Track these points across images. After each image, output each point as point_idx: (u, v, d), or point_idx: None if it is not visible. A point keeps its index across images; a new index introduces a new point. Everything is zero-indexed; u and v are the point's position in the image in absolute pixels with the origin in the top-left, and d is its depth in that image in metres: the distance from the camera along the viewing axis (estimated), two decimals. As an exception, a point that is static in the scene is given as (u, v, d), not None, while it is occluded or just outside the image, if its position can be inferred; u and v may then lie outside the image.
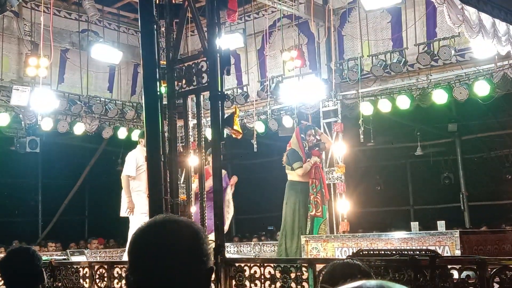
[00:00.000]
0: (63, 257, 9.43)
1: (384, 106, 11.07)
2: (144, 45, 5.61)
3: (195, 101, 6.03)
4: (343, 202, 11.15)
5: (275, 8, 11.40)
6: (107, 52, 12.34)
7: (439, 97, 10.51)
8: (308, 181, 8.27)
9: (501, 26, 8.20)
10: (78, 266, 6.28)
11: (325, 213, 8.21)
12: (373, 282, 0.96)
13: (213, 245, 5.22)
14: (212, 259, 1.48)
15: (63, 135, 13.12)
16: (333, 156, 11.20)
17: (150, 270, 1.39)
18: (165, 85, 5.73)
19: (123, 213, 8.64)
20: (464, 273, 3.98)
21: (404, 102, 10.87)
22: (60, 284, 6.29)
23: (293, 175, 8.28)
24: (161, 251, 1.40)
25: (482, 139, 16.08)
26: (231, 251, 10.91)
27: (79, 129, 12.86)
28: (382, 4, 10.37)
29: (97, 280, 5.98)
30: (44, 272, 3.58)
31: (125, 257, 7.51)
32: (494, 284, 3.87)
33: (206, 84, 5.54)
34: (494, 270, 3.86)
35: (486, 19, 7.83)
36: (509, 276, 3.79)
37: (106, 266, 5.99)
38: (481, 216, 15.02)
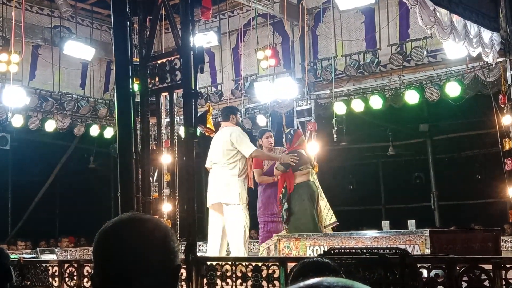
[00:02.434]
0: (33, 255, 9.31)
1: (357, 106, 11.15)
2: (117, 42, 5.55)
3: (168, 98, 5.99)
4: (316, 201, 11.19)
5: (250, 7, 11.40)
6: (79, 49, 12.21)
7: (411, 97, 10.62)
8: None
9: (472, 28, 8.32)
10: (47, 265, 6.19)
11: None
12: (332, 279, 0.96)
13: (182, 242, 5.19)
14: (179, 257, 1.46)
15: (34, 132, 12.95)
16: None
17: (116, 270, 1.37)
18: (138, 82, 5.68)
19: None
20: (434, 272, 4.02)
21: (376, 102, 10.96)
22: (28, 282, 6.20)
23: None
24: (127, 250, 1.37)
25: (453, 139, 16.28)
26: (204, 249, 10.88)
27: (50, 126, 12.71)
28: (356, 4, 10.43)
29: (67, 279, 5.91)
30: (12, 271, 3.53)
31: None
32: (463, 282, 3.92)
33: (180, 81, 5.50)
34: (463, 269, 3.90)
35: (458, 20, 7.93)
36: (477, 275, 3.84)
37: (76, 265, 5.92)
38: (451, 216, 15.20)
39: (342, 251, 4.69)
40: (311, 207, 8.04)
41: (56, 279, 6.02)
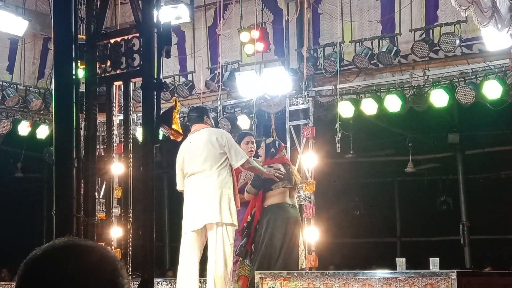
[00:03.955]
0: None
1: (369, 107, 11.18)
2: (57, 13, 5.53)
3: (122, 89, 5.98)
4: (311, 230, 11.19)
5: (233, -26, 11.42)
6: (8, 21, 12.11)
7: (438, 99, 10.66)
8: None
9: (520, 11, 8.39)
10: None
11: None
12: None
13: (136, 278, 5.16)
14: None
15: None
16: (301, 169, 11.24)
17: None
18: (84, 67, 5.66)
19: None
20: (462, 326, 4.03)
21: (393, 104, 11.00)
22: None
23: None
24: (61, 287, 1.35)
25: (491, 154, 16.39)
26: (163, 289, 10.83)
27: (-34, 120, 12.61)
28: (370, -24, 10.50)
29: (-19, 323, 5.86)
30: None
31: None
32: None
33: (138, 67, 5.50)
34: (500, 323, 3.92)
35: (501, 1, 8.00)
36: (518, 331, 3.86)
37: (-6, 305, 5.88)
38: (486, 254, 15.30)
39: (344, 295, 4.69)
40: (275, 237, 8.14)
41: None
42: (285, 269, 7.71)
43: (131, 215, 5.51)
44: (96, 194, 6.48)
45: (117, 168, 8.55)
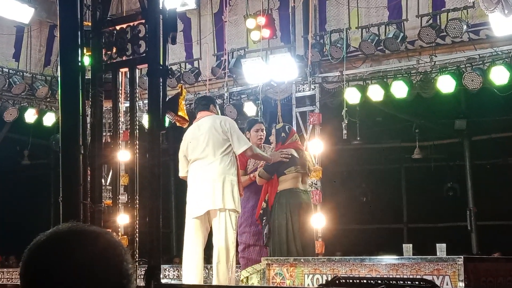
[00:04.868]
0: None
1: (375, 93, 11.17)
2: (63, 0, 5.53)
3: (128, 76, 5.98)
4: (318, 216, 11.20)
5: (239, -41, 11.39)
6: (13, 8, 12.11)
7: (445, 84, 10.65)
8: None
9: (527, -4, 8.34)
10: (-36, 290, 6.18)
11: None
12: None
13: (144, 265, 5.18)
14: (135, 283, 1.45)
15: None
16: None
17: None
18: (90, 54, 5.66)
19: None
20: (468, 311, 4.04)
21: (400, 90, 10.98)
22: None
23: None
24: (63, 273, 1.35)
25: (498, 140, 16.36)
26: (170, 275, 10.87)
27: (-28, 108, 12.65)
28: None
29: (-11, 309, 5.89)
30: None
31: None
32: (505, 326, 3.94)
33: (144, 54, 5.49)
34: (506, 308, 3.92)
35: (508, -14, 7.96)
36: (524, 316, 3.86)
37: (2, 291, 5.91)
38: (493, 239, 15.28)
39: (350, 281, 4.70)
40: (290, 222, 8.16)
41: (-25, 309, 6.00)
42: (300, 255, 7.74)
43: (137, 202, 5.53)
44: (103, 181, 6.48)
45: (124, 155, 8.56)
